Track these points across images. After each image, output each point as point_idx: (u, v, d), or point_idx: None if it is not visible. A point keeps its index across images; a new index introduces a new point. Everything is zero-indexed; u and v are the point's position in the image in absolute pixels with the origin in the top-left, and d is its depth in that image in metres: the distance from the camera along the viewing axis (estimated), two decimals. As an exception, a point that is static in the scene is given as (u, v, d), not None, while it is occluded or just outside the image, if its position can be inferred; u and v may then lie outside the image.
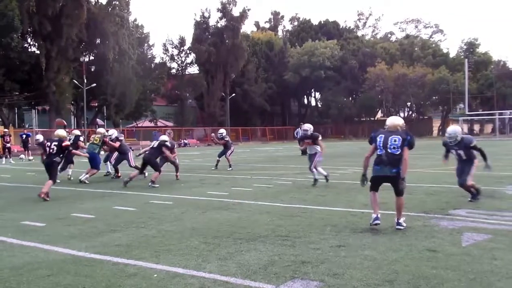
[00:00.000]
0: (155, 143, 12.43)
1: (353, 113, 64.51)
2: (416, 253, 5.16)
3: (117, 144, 13.72)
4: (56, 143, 10.07)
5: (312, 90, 69.84)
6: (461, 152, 8.45)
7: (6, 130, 29.55)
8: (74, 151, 11.89)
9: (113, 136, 14.14)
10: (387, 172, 6.28)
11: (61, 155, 10.10)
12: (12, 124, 48.18)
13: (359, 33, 73.84)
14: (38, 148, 20.77)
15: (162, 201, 9.25)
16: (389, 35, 74.96)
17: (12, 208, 8.78)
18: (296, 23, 76.27)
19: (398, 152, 6.22)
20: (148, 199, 9.46)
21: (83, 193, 10.75)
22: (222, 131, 17.31)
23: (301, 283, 4.18)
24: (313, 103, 73.40)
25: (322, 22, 71.53)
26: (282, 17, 79.53)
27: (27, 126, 58.80)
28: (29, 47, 45.50)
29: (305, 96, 71.90)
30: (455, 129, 8.66)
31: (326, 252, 5.20)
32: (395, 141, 6.27)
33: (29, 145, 27.94)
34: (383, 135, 6.45)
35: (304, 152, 14.23)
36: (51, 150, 10.02)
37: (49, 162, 10.10)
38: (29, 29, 42.07)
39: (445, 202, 8.59)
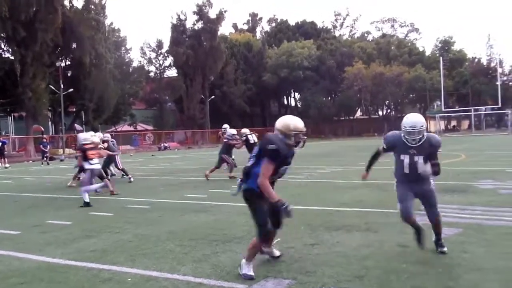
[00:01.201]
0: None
1: (332, 113, 65.04)
2: (387, 248, 5.27)
3: (104, 145, 13.40)
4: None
5: (291, 90, 70.18)
6: (420, 160, 4.88)
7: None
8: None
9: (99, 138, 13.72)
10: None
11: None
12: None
13: (337, 33, 74.57)
14: (14, 156, 20.49)
15: (139, 205, 9.22)
16: (366, 35, 75.90)
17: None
18: (274, 24, 76.61)
19: None
20: (125, 204, 9.43)
21: (59, 200, 10.64)
22: (226, 126, 15.63)
23: (274, 282, 4.24)
24: (292, 103, 73.81)
25: (300, 23, 72.05)
26: (260, 18, 79.88)
27: (3, 133, 57.81)
28: (2, 52, 44.82)
29: (284, 97, 72.25)
30: (420, 119, 4.91)
31: (300, 251, 5.28)
32: None
33: (5, 152, 27.54)
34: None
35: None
36: None
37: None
38: (2, 35, 41.42)
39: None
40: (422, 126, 4.78)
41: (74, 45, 46.77)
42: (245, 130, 14.54)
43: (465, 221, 6.56)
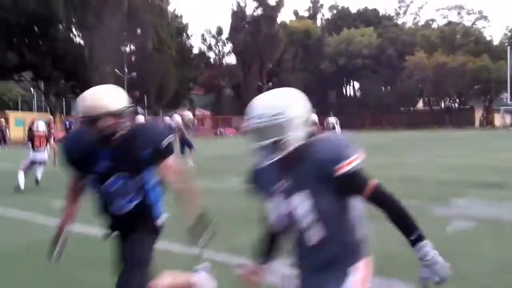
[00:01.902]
0: None
1: (391, 103, 63.79)
2: (398, 237, 5.55)
3: None
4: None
5: (350, 79, 69.42)
6: (303, 205, 1.90)
7: (50, 117, 31.14)
8: None
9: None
10: None
11: None
12: (60, 112, 50.52)
13: (399, 21, 72.65)
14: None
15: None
16: (430, 22, 73.28)
17: (44, 190, 9.59)
18: (334, 11, 75.75)
19: None
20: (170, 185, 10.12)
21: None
22: None
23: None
24: (351, 92, 73.01)
25: (361, 10, 70.81)
26: (322, 5, 79.10)
27: (73, 113, 61.11)
28: (74, 37, 47.45)
29: (342, 86, 71.60)
30: (270, 101, 1.90)
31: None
32: None
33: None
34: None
35: None
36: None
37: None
38: (73, 20, 43.86)
39: (451, 191, 8.81)
40: (275, 116, 1.83)
41: (138, 31, 48.78)
42: None
43: (486, 216, 6.67)
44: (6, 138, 24.42)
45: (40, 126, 10.24)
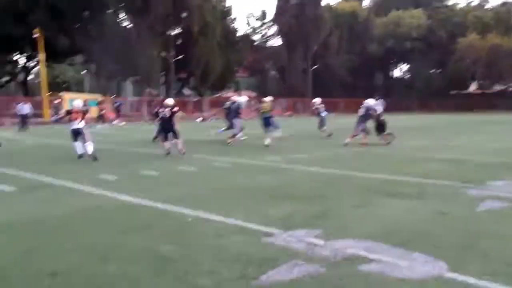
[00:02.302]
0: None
1: (441, 86, 61.83)
2: (428, 214, 5.63)
3: None
4: (168, 109, 11.79)
5: (398, 61, 67.73)
6: None
7: (101, 98, 32.31)
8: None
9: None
10: None
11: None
12: (111, 93, 52.15)
13: (450, 1, 69.88)
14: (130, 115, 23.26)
15: (223, 164, 10.22)
16: (483, 3, 70.12)
17: (93, 166, 10.15)
18: (383, -8, 73.64)
19: None
20: (211, 163, 10.47)
21: (155, 155, 12.00)
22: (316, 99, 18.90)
23: (306, 231, 4.87)
24: (398, 75, 71.30)
25: (411, -9, 68.48)
26: (369, -14, 77.08)
27: (123, 95, 63.06)
28: (122, 22, 48.60)
29: (390, 68, 69.97)
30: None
31: (345, 210, 5.84)
32: None
33: (121, 112, 30.40)
34: None
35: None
36: (164, 116, 11.83)
37: (167, 125, 11.80)
38: (121, 5, 44.86)
39: (490, 174, 8.65)
40: None
41: (184, 15, 49.31)
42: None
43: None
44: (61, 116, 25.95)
45: (76, 104, 11.76)
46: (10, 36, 38.53)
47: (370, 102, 15.18)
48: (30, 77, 55.47)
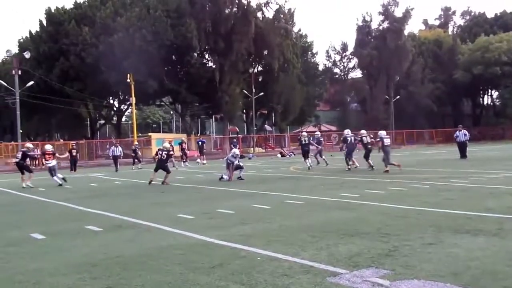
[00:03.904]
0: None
1: (537, 113, 57.78)
2: (502, 253, 5.36)
3: None
4: (165, 152, 15.87)
5: (487, 88, 64.40)
6: None
7: (183, 138, 33.77)
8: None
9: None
10: None
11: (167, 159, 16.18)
12: (195, 132, 54.45)
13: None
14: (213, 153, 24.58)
15: (295, 201, 10.33)
16: None
17: (173, 204, 10.73)
18: (468, 18, 71.17)
19: None
20: (284, 199, 10.63)
21: (231, 193, 12.39)
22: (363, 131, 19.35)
23: (372, 271, 4.84)
24: (487, 102, 67.66)
25: (498, 14, 65.60)
26: (454, 12, 74.88)
27: (207, 133, 65.59)
28: (206, 62, 50.94)
29: (478, 95, 66.66)
30: None
31: (414, 249, 5.70)
32: None
33: (204, 150, 31.54)
34: None
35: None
36: (162, 157, 15.81)
37: (161, 164, 15.86)
38: (206, 47, 47.16)
39: None
40: None
41: (265, 53, 50.80)
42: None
43: None
44: (139, 156, 27.75)
45: (48, 148, 18.30)
46: (106, 82, 41.85)
47: (382, 133, 17.62)
48: (123, 120, 59.40)
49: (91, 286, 4.77)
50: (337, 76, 61.78)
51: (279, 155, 36.56)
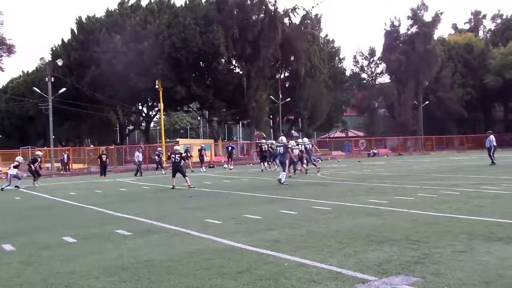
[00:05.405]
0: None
1: None
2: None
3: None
4: (178, 155, 16.51)
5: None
6: None
7: (203, 145, 34.00)
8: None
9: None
10: None
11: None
12: (222, 138, 54.78)
13: None
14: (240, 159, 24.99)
15: (323, 207, 10.27)
16: None
17: (201, 209, 10.81)
18: (499, 21, 69.65)
19: None
20: (311, 205, 10.58)
21: (257, 198, 12.41)
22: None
23: (402, 278, 4.78)
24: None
25: (532, 16, 64.01)
26: (484, 16, 73.44)
27: (234, 138, 65.89)
28: (234, 69, 51.30)
29: (510, 101, 65.06)
30: None
31: (445, 256, 5.60)
32: None
33: (233, 155, 31.69)
34: None
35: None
36: (176, 160, 16.41)
37: (176, 167, 16.41)
38: (233, 53, 47.52)
39: None
40: None
41: (291, 58, 50.83)
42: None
43: None
44: (162, 162, 28.13)
45: (18, 159, 20.89)
46: (135, 88, 42.57)
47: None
48: (151, 125, 60.21)
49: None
50: (364, 81, 61.28)
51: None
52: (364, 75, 62.40)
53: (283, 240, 6.90)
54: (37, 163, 21.64)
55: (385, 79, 60.78)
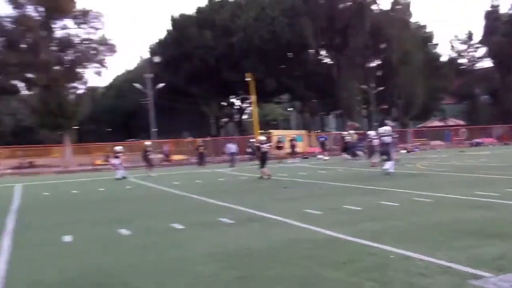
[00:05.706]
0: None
1: None
2: None
3: None
4: (266, 145, 17.69)
5: None
6: None
7: (294, 135, 34.04)
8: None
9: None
10: None
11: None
12: (314, 129, 54.59)
13: None
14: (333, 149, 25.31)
15: (424, 198, 9.91)
16: None
17: (298, 200, 10.88)
18: None
19: None
20: (412, 197, 10.24)
21: (356, 189, 12.25)
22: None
23: (522, 276, 4.49)
24: None
25: None
26: None
27: (326, 129, 65.41)
28: (322, 58, 50.78)
29: None
30: None
31: None
32: None
33: (327, 146, 31.60)
34: None
35: None
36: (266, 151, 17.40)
37: (265, 156, 17.27)
38: (322, 43, 47.04)
39: None
40: None
41: (382, 46, 49.21)
42: None
43: None
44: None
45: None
46: (227, 81, 43.70)
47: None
48: (244, 117, 61.53)
49: (229, 276, 5.04)
50: (463, 67, 57.77)
51: (404, 151, 35.12)
52: (462, 60, 58.86)
53: (385, 232, 6.77)
54: (148, 152, 22.61)
55: (486, 63, 56.88)
